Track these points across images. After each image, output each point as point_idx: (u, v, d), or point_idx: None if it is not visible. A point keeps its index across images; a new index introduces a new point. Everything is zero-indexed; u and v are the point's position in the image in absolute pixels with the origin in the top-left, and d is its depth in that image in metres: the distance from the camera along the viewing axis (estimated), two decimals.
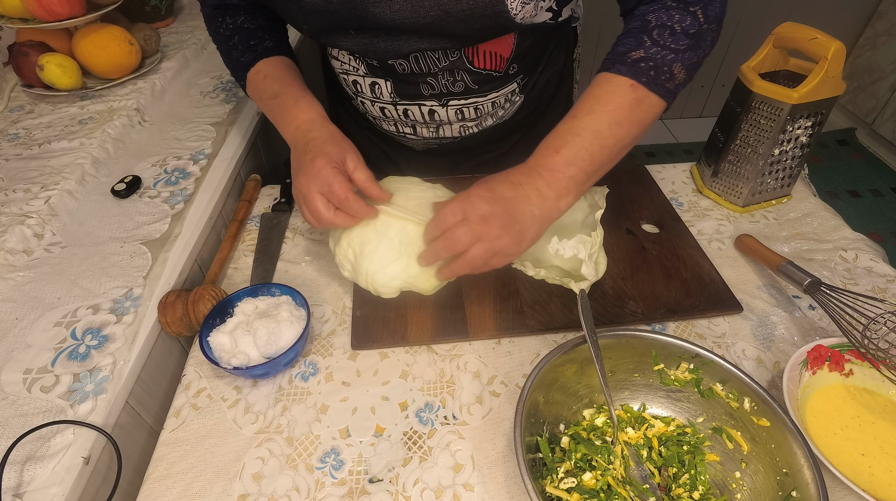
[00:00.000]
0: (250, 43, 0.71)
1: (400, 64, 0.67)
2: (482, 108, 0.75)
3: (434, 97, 0.72)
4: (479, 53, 0.67)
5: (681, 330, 0.63)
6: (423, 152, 0.87)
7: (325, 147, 0.59)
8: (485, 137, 0.82)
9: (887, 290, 0.67)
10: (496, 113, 0.78)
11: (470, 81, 0.70)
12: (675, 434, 0.52)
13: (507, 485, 0.50)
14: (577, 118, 0.55)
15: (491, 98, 0.74)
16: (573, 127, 0.55)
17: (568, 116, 0.56)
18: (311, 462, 0.52)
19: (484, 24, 0.60)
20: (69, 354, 0.56)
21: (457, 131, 0.79)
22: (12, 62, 0.95)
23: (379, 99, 0.74)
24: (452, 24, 0.59)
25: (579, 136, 0.54)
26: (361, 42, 0.65)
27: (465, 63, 0.68)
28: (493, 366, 0.60)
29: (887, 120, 2.33)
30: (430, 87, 0.70)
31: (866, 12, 2.43)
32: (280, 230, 0.76)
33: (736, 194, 0.79)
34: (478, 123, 0.79)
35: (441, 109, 0.74)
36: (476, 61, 0.68)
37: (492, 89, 0.73)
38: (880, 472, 0.50)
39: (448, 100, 0.73)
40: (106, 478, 0.52)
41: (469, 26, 0.60)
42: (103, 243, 0.69)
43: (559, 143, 0.55)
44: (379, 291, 0.59)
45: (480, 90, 0.72)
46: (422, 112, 0.75)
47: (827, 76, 0.67)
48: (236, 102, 0.97)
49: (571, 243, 0.61)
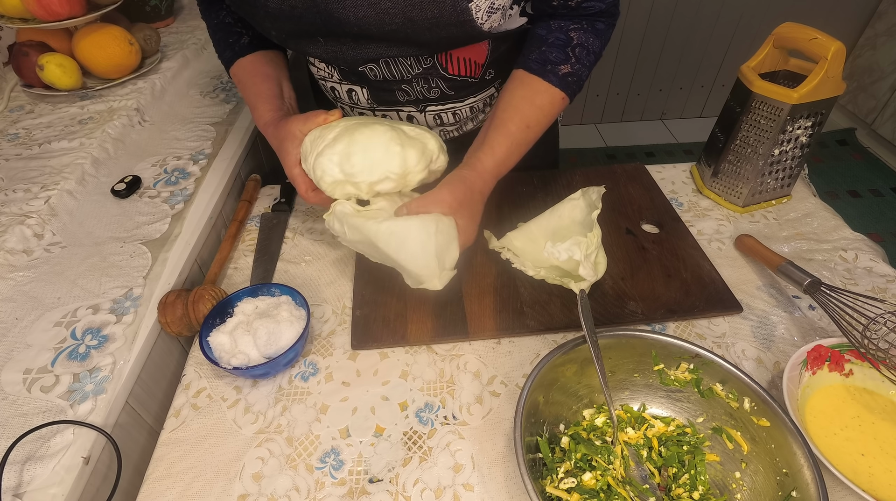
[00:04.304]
0: (228, 41, 0.73)
1: (371, 69, 0.67)
2: (461, 113, 0.75)
3: (411, 103, 0.72)
4: (453, 60, 0.67)
5: (681, 330, 0.63)
6: None
7: (280, 153, 0.65)
8: (466, 140, 0.82)
9: (887, 290, 0.67)
10: (476, 117, 0.78)
11: (445, 88, 0.70)
12: (675, 434, 0.52)
13: (507, 485, 0.50)
14: (522, 132, 0.63)
15: (469, 103, 0.74)
16: (517, 139, 0.63)
17: (507, 122, 0.63)
18: (311, 462, 0.52)
19: (451, 33, 0.60)
20: (69, 354, 0.56)
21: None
22: (12, 62, 0.95)
23: (357, 105, 0.74)
24: (418, 31, 0.59)
25: (518, 146, 0.64)
26: (330, 50, 0.65)
27: (438, 70, 0.68)
28: (493, 366, 0.60)
29: (887, 120, 2.33)
30: (406, 93, 0.71)
31: (866, 12, 2.43)
32: (280, 230, 0.76)
33: (736, 194, 0.79)
34: (458, 128, 0.79)
35: (419, 115, 0.74)
36: (450, 68, 0.68)
37: (469, 95, 0.73)
38: (880, 472, 0.50)
39: (425, 106, 0.73)
40: (106, 478, 0.52)
41: (435, 34, 0.60)
42: (103, 243, 0.69)
43: (498, 152, 0.63)
44: (320, 178, 0.59)
45: (457, 96, 0.72)
46: (400, 118, 0.75)
47: (827, 76, 0.67)
48: (236, 102, 0.97)
49: (566, 246, 0.61)
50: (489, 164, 0.62)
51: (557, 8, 0.62)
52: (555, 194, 0.80)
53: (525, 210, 0.75)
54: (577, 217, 0.68)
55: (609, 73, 2.51)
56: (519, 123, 0.62)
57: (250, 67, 0.72)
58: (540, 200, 0.79)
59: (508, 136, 0.62)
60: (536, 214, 0.70)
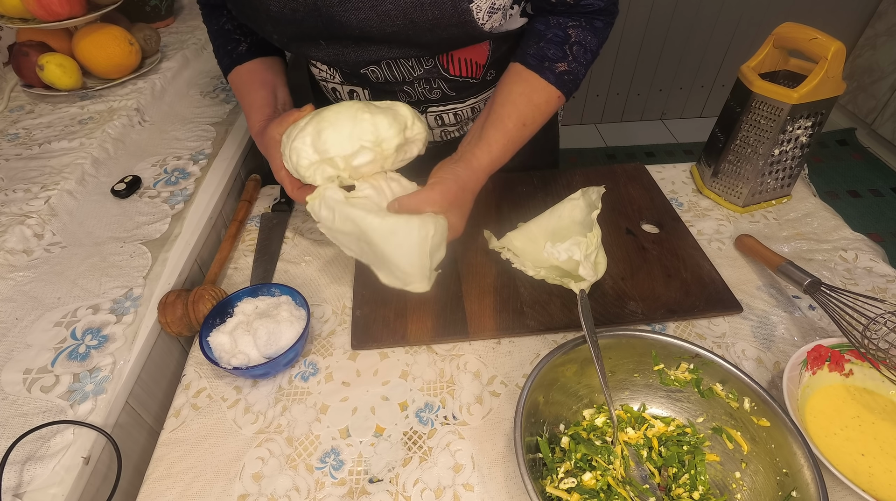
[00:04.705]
0: (227, 48, 0.73)
1: (373, 72, 0.67)
2: (462, 113, 0.75)
3: (412, 105, 0.72)
4: (455, 61, 0.68)
5: (681, 330, 0.63)
6: None
7: (268, 159, 0.64)
8: None
9: (887, 290, 0.67)
10: (477, 117, 0.78)
11: (447, 89, 0.70)
12: (675, 434, 0.52)
13: (507, 485, 0.50)
14: (518, 129, 0.63)
15: (470, 104, 0.74)
16: (513, 136, 0.63)
17: (505, 119, 0.62)
18: (311, 462, 0.52)
19: (451, 34, 0.60)
20: (69, 354, 0.56)
21: (438, 136, 0.79)
22: (12, 62, 0.95)
23: None
24: (419, 33, 0.59)
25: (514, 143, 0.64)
26: (332, 52, 0.65)
27: (440, 71, 0.68)
28: (493, 366, 0.60)
29: (887, 120, 2.33)
30: (407, 94, 0.71)
31: (866, 12, 2.43)
32: (280, 230, 0.76)
33: (736, 194, 0.79)
34: (459, 128, 0.79)
35: (421, 116, 0.74)
36: (451, 69, 0.68)
37: (470, 96, 0.73)
38: (880, 472, 0.50)
39: (427, 107, 0.73)
40: (106, 478, 0.52)
41: (436, 35, 0.60)
42: (103, 243, 0.69)
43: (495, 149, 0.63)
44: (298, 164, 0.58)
45: (459, 97, 0.72)
46: None
47: (827, 76, 0.67)
48: (236, 102, 0.97)
49: (566, 246, 0.61)
50: (485, 161, 0.62)
51: (556, 5, 0.62)
52: (555, 194, 0.80)
53: (525, 210, 0.75)
54: (577, 217, 0.68)
55: (609, 73, 2.51)
56: (516, 120, 0.63)
57: (247, 76, 0.72)
58: (540, 200, 0.79)
59: (506, 133, 0.62)
60: (536, 214, 0.70)
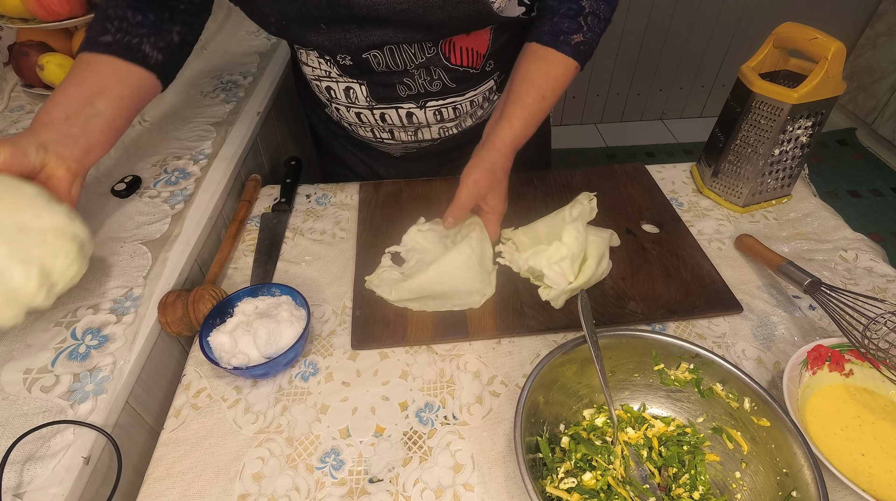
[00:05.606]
0: (91, 32, 0.64)
1: (375, 57, 0.66)
2: (461, 107, 0.75)
3: (411, 99, 0.72)
4: (456, 49, 0.68)
5: (681, 330, 0.63)
6: (402, 158, 0.86)
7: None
8: (465, 138, 0.82)
9: (887, 290, 0.67)
10: (475, 112, 0.78)
11: (447, 79, 0.70)
12: (675, 434, 0.52)
13: (507, 485, 0.50)
14: (538, 103, 0.65)
15: (469, 97, 0.74)
16: (533, 110, 0.65)
17: (524, 95, 0.65)
18: (311, 462, 0.52)
19: (462, 12, 0.60)
20: (69, 354, 0.56)
21: (436, 133, 0.79)
22: (12, 62, 0.95)
23: (354, 104, 0.74)
24: (430, 9, 0.59)
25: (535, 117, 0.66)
26: (333, 37, 0.63)
27: (441, 60, 0.68)
28: (493, 366, 0.60)
29: (887, 120, 2.33)
30: (407, 87, 0.70)
31: (866, 12, 2.43)
32: (280, 230, 0.76)
33: (736, 194, 0.79)
34: (457, 124, 0.78)
35: (419, 111, 0.74)
36: (453, 58, 0.68)
37: (469, 87, 0.73)
38: (880, 472, 0.50)
39: (426, 101, 0.73)
40: (106, 478, 0.52)
41: (447, 13, 0.59)
42: (103, 243, 0.69)
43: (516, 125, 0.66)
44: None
45: (458, 89, 0.72)
46: (399, 115, 0.74)
47: (827, 76, 0.67)
48: (236, 102, 0.97)
49: (528, 254, 0.65)
50: (507, 137, 0.65)
51: None
52: (555, 194, 0.80)
53: (525, 210, 0.75)
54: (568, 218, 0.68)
55: (609, 73, 2.51)
56: (535, 94, 0.64)
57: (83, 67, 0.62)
58: (540, 200, 0.79)
59: (525, 108, 0.64)
60: (536, 214, 0.71)
